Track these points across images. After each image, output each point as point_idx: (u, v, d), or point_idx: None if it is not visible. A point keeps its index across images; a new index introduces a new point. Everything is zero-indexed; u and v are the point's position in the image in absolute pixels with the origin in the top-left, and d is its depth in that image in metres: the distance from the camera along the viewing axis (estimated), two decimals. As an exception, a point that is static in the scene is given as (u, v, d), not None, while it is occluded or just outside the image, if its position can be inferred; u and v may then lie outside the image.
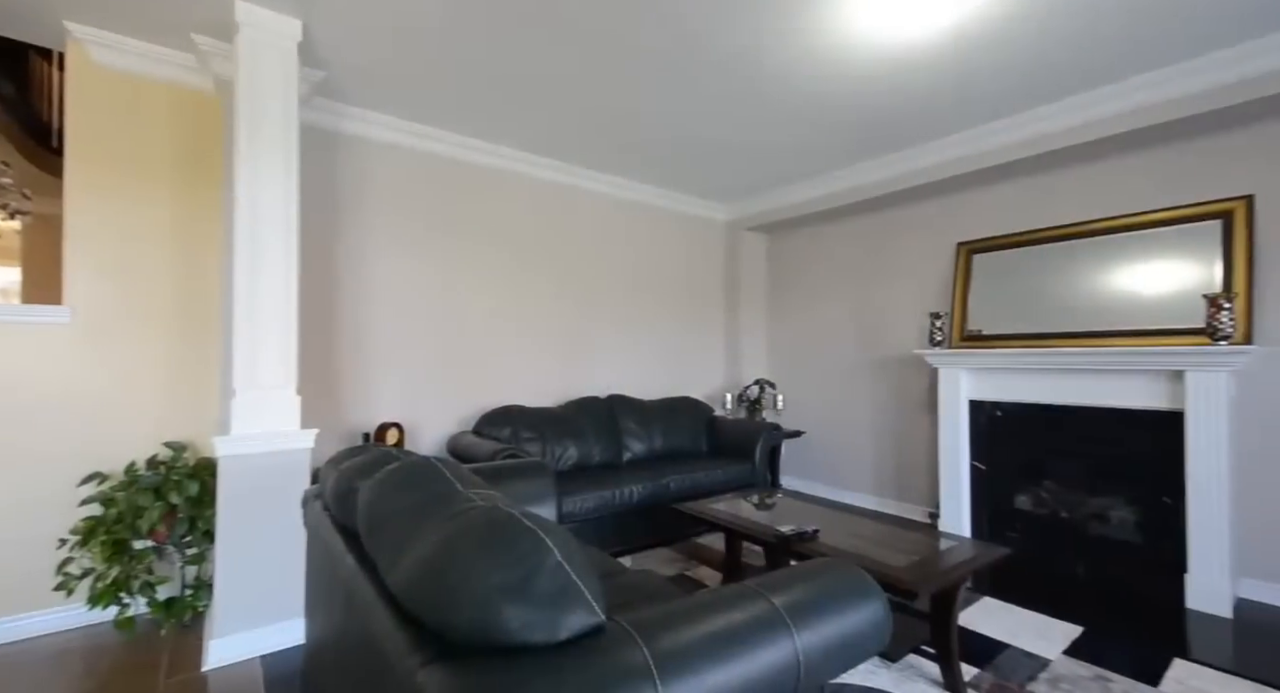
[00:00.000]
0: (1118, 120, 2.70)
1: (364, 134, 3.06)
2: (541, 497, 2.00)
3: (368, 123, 3.04)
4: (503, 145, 3.46)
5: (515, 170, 3.62)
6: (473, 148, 3.39)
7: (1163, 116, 2.57)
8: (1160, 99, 2.56)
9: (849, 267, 4.28)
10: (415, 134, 3.19)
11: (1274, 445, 2.48)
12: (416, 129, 3.17)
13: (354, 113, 2.98)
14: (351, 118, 2.99)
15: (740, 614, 0.91)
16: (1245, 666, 1.97)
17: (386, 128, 3.10)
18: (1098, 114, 2.74)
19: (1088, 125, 2.79)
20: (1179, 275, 2.67)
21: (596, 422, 3.46)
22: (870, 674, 1.87)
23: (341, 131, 3.01)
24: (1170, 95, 2.53)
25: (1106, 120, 2.73)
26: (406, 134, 3.17)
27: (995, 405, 3.25)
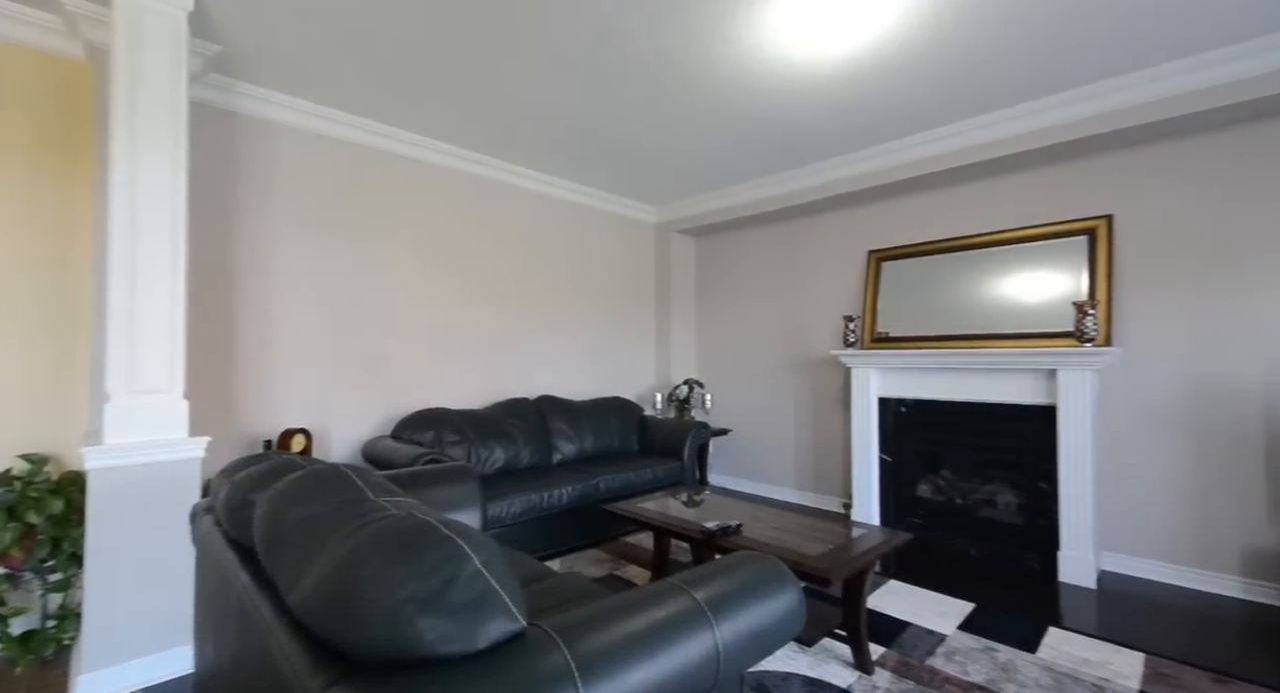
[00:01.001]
0: (1006, 144, 2.99)
1: (267, 116, 2.83)
2: (465, 502, 1.93)
3: (271, 104, 2.82)
4: (426, 136, 3.32)
5: (439, 163, 3.48)
6: (392, 136, 3.23)
7: (1042, 141, 2.87)
8: (1039, 126, 2.87)
9: (772, 270, 4.46)
10: (326, 118, 2.99)
11: (1129, 435, 2.84)
12: (327, 113, 2.97)
13: (256, 92, 2.74)
14: (253, 97, 2.76)
15: (663, 611, 0.93)
16: (1106, 630, 2.25)
17: (293, 110, 2.88)
18: (990, 136, 3.03)
19: (981, 146, 3.08)
20: (1053, 285, 3.00)
21: (525, 423, 3.40)
22: (788, 660, 1.95)
23: (241, 112, 2.76)
24: (1046, 124, 2.84)
25: (997, 143, 3.02)
26: (316, 118, 2.96)
27: (900, 402, 3.50)
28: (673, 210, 4.74)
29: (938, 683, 1.84)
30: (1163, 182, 2.78)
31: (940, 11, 2.11)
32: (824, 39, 2.30)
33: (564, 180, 4.11)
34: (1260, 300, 2.53)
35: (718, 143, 3.39)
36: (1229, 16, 2.13)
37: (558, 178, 4.06)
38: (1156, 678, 1.87)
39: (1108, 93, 2.64)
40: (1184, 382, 2.70)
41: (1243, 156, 2.58)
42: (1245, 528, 2.54)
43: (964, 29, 2.22)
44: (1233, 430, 2.57)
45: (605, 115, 3.00)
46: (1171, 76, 2.48)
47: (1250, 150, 2.56)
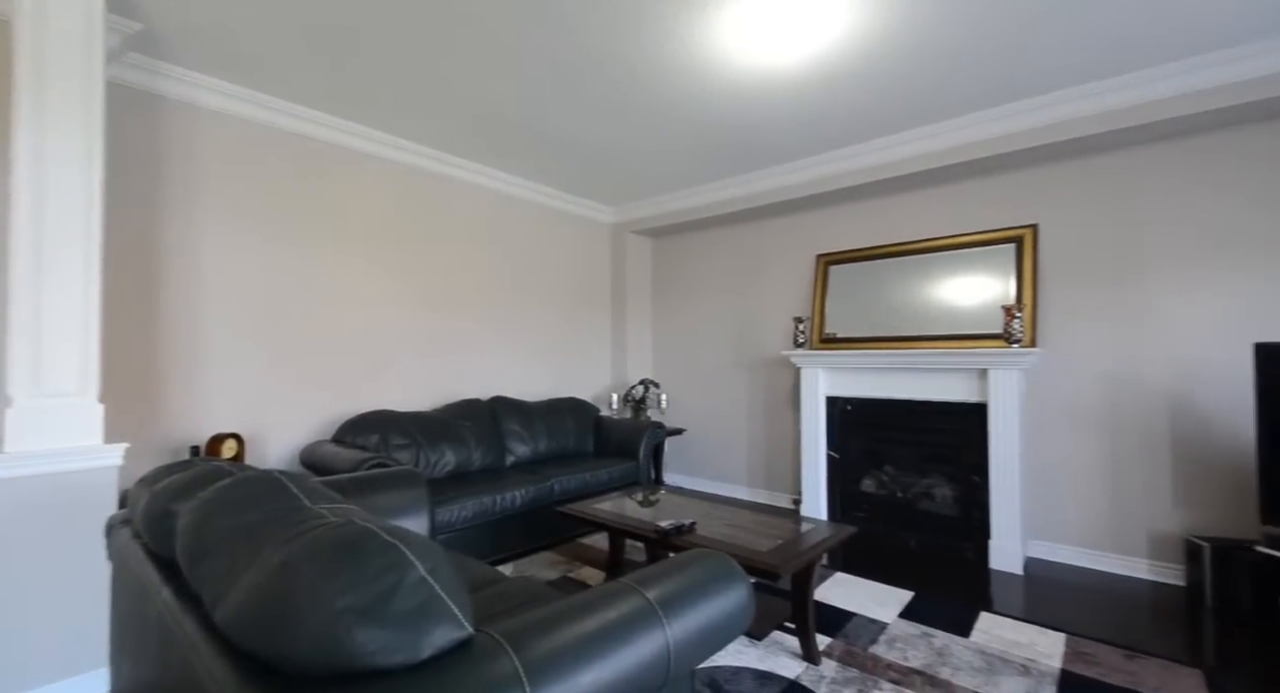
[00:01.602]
0: (942, 155, 3.15)
1: (195, 100, 2.65)
2: (412, 508, 1.87)
3: (200, 87, 2.64)
4: (372, 128, 3.19)
5: (387, 156, 3.35)
6: (335, 127, 3.09)
7: (975, 154, 3.05)
8: (972, 139, 3.04)
9: (726, 272, 4.54)
10: (262, 105, 2.82)
11: (1052, 431, 3.05)
12: (263, 100, 2.81)
13: (183, 75, 2.57)
14: (179, 80, 2.58)
15: (614, 612, 0.93)
16: (1032, 613, 2.40)
17: (224, 95, 2.71)
18: (929, 148, 3.18)
19: (921, 157, 3.23)
20: (985, 289, 3.18)
21: (478, 425, 3.32)
22: (739, 654, 1.99)
23: (166, 95, 2.58)
24: (978, 137, 3.01)
25: (935, 154, 3.18)
26: (250, 104, 2.80)
27: (846, 401, 3.63)
28: (629, 211, 4.74)
29: (880, 670, 1.91)
30: (1081, 195, 3.00)
31: (882, 30, 2.20)
32: (773, 48, 2.35)
33: (519, 178, 4.05)
34: (1164, 306, 2.76)
35: (673, 145, 3.41)
36: (1133, 47, 2.32)
37: (513, 175, 3.99)
38: (1076, 657, 2.02)
39: (1033, 111, 2.82)
40: (1100, 381, 2.92)
41: (1150, 175, 2.81)
42: (1152, 515, 2.77)
43: (903, 48, 2.33)
44: (1142, 426, 2.80)
45: (560, 113, 2.97)
46: (1087, 98, 2.68)
47: (1156, 169, 2.80)
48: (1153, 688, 1.82)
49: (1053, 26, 2.20)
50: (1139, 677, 1.88)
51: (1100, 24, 2.18)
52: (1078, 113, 2.73)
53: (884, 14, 2.13)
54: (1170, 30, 2.22)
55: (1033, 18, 2.15)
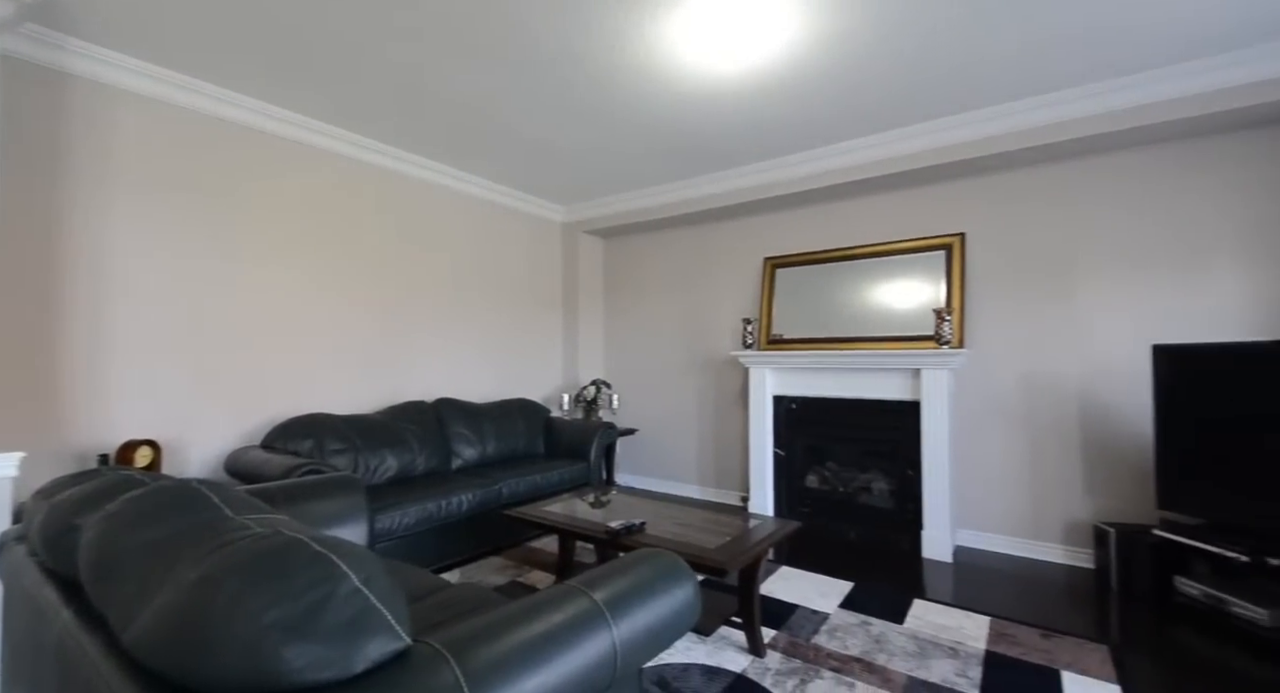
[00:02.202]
0: (882, 164, 3.30)
1: (105, 78, 2.44)
2: (349, 516, 1.79)
3: (111, 65, 2.43)
4: (308, 116, 3.03)
5: (324, 146, 3.19)
6: (266, 114, 2.91)
7: (909, 165, 3.21)
8: (906, 151, 3.20)
9: (678, 273, 4.59)
10: (183, 87, 2.63)
11: (978, 426, 3.25)
12: (185, 81, 2.62)
13: (91, 50, 2.36)
14: (86, 56, 2.36)
15: (560, 615, 0.92)
16: (960, 598, 2.55)
17: (138, 74, 2.51)
18: (869, 157, 3.33)
19: (862, 166, 3.37)
20: (919, 293, 3.36)
21: (422, 428, 3.22)
22: (687, 650, 2.02)
23: (71, 71, 2.36)
24: (910, 150, 3.18)
25: (875, 163, 3.33)
26: (170, 86, 2.60)
27: (792, 400, 3.75)
28: (581, 210, 4.72)
29: (821, 659, 1.98)
30: (1003, 207, 3.21)
31: (824, 44, 2.29)
32: (721, 55, 2.40)
33: (468, 173, 3.95)
34: (1075, 310, 3.00)
35: (626, 146, 3.42)
36: (1054, 68, 2.51)
37: (461, 170, 3.89)
38: (999, 638, 2.16)
39: (960, 126, 3.00)
40: (1020, 379, 3.14)
41: (1065, 190, 3.05)
42: (1066, 503, 3.01)
43: (844, 64, 2.43)
44: (1056, 421, 3.03)
45: (510, 108, 2.92)
46: (1007, 116, 2.88)
47: (1070, 185, 3.03)
48: (1065, 664, 1.97)
49: (979, 50, 2.35)
50: (1054, 654, 2.04)
51: (1020, 50, 2.35)
52: (1000, 130, 2.92)
53: (825, 29, 2.21)
54: (1085, 56, 2.42)
55: (964, 40, 2.28)
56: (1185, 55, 2.39)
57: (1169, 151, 2.79)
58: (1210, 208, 2.70)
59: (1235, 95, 2.41)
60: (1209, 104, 2.46)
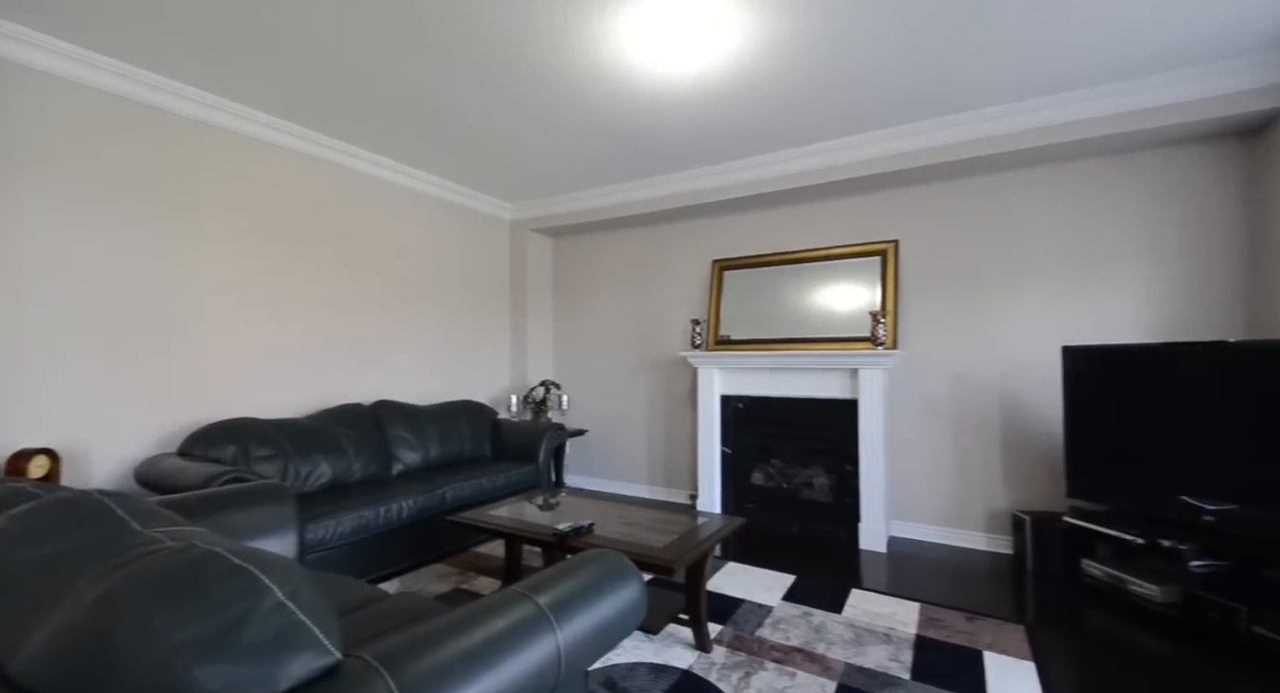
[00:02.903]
0: (824, 172, 3.43)
1: (19, 58, 2.20)
2: (276, 526, 1.68)
3: (23, 43, 2.19)
4: (242, 104, 2.84)
5: (259, 136, 3.00)
6: (198, 100, 2.70)
7: (848, 174, 3.35)
8: (846, 160, 3.34)
9: (628, 274, 4.60)
10: (107, 70, 2.41)
11: (910, 423, 3.43)
12: (108, 64, 2.40)
13: (8, 29, 2.12)
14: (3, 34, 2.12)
15: (503, 621, 0.90)
16: (894, 587, 2.68)
17: (57, 55, 2.28)
18: (812, 165, 3.45)
19: (805, 173, 3.49)
20: (858, 296, 3.51)
21: (359, 432, 3.07)
22: (635, 650, 2.02)
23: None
24: (851, 159, 3.32)
25: (817, 171, 3.46)
26: (92, 68, 2.37)
27: (739, 399, 3.83)
28: (530, 208, 4.65)
29: (764, 652, 2.04)
30: (933, 215, 3.41)
31: (767, 52, 2.36)
32: (669, 59, 2.42)
33: (413, 168, 3.81)
34: (995, 315, 3.22)
35: (575, 145, 3.40)
36: (969, 90, 2.69)
37: (407, 165, 3.75)
38: (928, 623, 2.28)
39: (893, 139, 3.17)
40: (947, 378, 3.33)
41: (986, 200, 3.26)
42: (987, 494, 3.22)
43: (788, 74, 2.51)
44: (979, 417, 3.24)
45: (458, 103, 2.84)
46: (935, 131, 3.05)
47: (991, 195, 3.25)
48: (987, 645, 2.11)
49: (909, 70, 2.48)
50: (976, 636, 2.17)
51: (947, 71, 2.50)
52: (929, 144, 3.10)
53: (767, 41, 2.27)
54: (1006, 78, 2.59)
55: (894, 61, 2.40)
56: (1095, 81, 2.62)
57: (1078, 169, 3.04)
58: (1112, 222, 2.96)
59: (1136, 119, 2.66)
60: (1116, 125, 2.70)
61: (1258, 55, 2.37)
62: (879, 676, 1.89)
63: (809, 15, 2.13)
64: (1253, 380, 2.15)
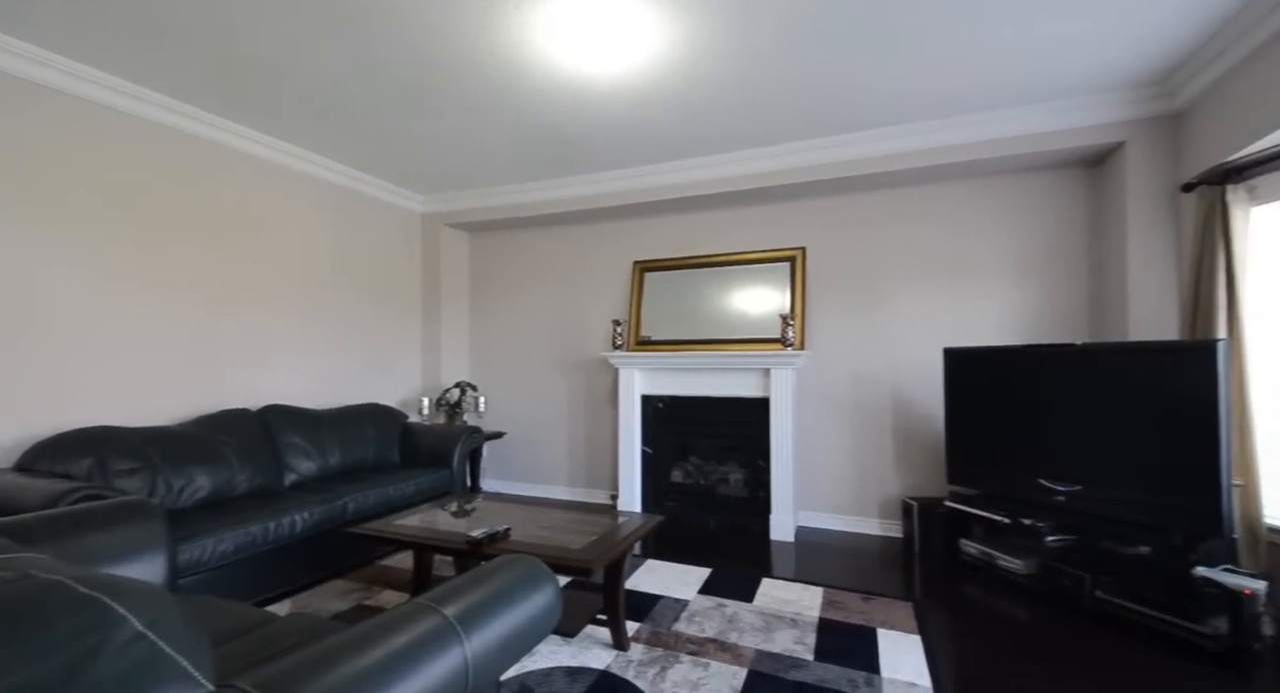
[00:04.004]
0: (739, 180, 3.57)
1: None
2: (141, 549, 1.49)
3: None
4: (111, 73, 2.50)
5: (129, 109, 2.64)
6: (54, 66, 2.32)
7: (761, 183, 3.51)
8: (760, 170, 3.50)
9: (549, 273, 4.53)
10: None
11: (816, 418, 3.65)
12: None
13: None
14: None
15: (404, 636, 0.85)
16: (800, 573, 2.84)
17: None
18: (728, 172, 3.58)
19: (721, 180, 3.61)
20: (770, 299, 3.68)
21: (244, 440, 2.79)
22: (551, 655, 1.99)
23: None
24: (764, 168, 3.48)
25: (732, 179, 3.59)
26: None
27: (659, 399, 3.89)
28: (444, 202, 4.45)
29: (680, 645, 2.08)
30: (836, 225, 3.65)
31: (683, 62, 2.41)
32: (587, 59, 2.42)
33: (315, 154, 3.52)
34: (889, 318, 3.50)
35: (492, 139, 3.30)
36: (870, 111, 2.91)
37: (307, 150, 3.46)
38: (830, 605, 2.44)
39: (803, 152, 3.36)
40: (848, 377, 3.59)
41: (881, 212, 3.54)
42: (881, 482, 3.49)
43: (703, 87, 2.58)
44: (874, 412, 3.52)
45: (366, 88, 2.66)
46: (840, 147, 3.28)
47: (886, 208, 3.53)
48: (880, 622, 2.28)
49: (816, 90, 2.64)
50: (871, 614, 2.35)
51: (852, 90, 2.68)
52: (833, 158, 3.32)
53: (687, 47, 2.33)
54: (897, 101, 2.83)
55: (804, 81, 2.55)
56: (973, 110, 2.92)
57: (957, 188, 3.38)
58: (983, 237, 3.32)
59: (1004, 145, 2.99)
60: (988, 150, 3.02)
61: (1100, 96, 2.76)
62: (786, 659, 1.99)
63: (725, 32, 2.20)
64: (1095, 377, 2.50)
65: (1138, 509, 2.29)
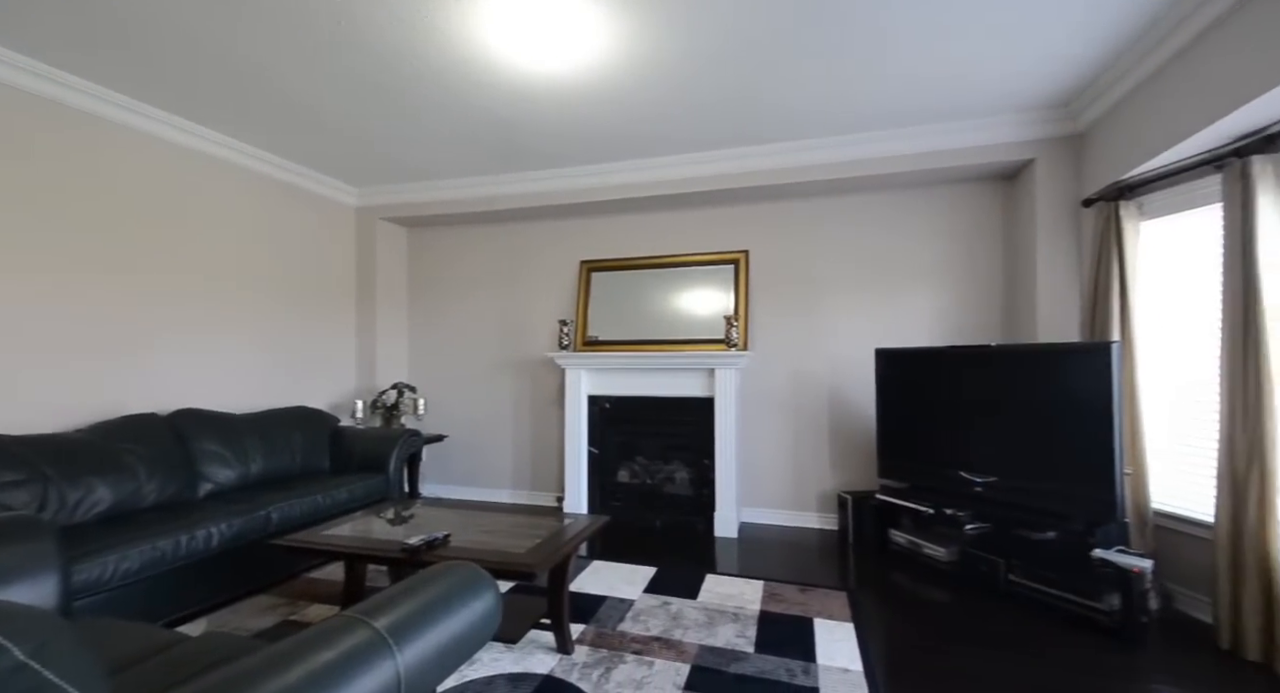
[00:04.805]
0: (684, 183, 3.61)
1: None
2: (27, 570, 1.33)
3: None
4: (11, 48, 2.22)
5: (25, 85, 2.36)
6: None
7: (705, 187, 3.57)
8: (704, 173, 3.56)
9: (494, 271, 4.42)
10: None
11: (758, 417, 3.75)
12: None
13: None
14: None
15: (330, 652, 0.81)
16: (742, 568, 2.91)
17: None
18: (674, 174, 3.62)
19: (668, 182, 3.65)
20: (716, 301, 3.75)
21: (151, 448, 2.57)
22: (493, 662, 1.95)
23: None
24: (710, 172, 3.55)
25: (678, 181, 3.63)
26: None
27: (606, 399, 3.89)
28: (380, 195, 4.25)
29: (625, 645, 2.08)
30: (778, 229, 3.76)
31: (633, 59, 2.42)
32: (533, 54, 2.38)
33: (231, 138, 3.28)
34: (825, 319, 3.65)
35: (433, 131, 3.18)
36: (808, 121, 3.02)
37: (217, 131, 3.21)
38: (770, 598, 2.51)
39: (747, 158, 3.44)
40: (788, 376, 3.71)
41: (821, 218, 3.69)
42: (819, 477, 3.63)
43: (650, 90, 2.60)
44: (812, 410, 3.65)
45: (294, 72, 2.50)
46: (782, 154, 3.38)
47: (825, 215, 3.68)
48: (817, 612, 2.37)
49: (758, 99, 2.71)
50: (809, 605, 2.44)
51: (786, 105, 2.77)
52: (775, 165, 3.42)
53: (631, 47, 2.33)
54: (833, 113, 2.95)
55: (746, 89, 2.61)
56: (903, 123, 3.08)
57: (888, 198, 3.56)
58: (911, 244, 3.51)
59: (931, 159, 3.18)
60: (916, 163, 3.20)
61: (1013, 115, 2.98)
62: (728, 653, 2.03)
63: (670, 38, 2.23)
64: (1007, 376, 2.69)
65: (1045, 498, 2.49)
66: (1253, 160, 1.99)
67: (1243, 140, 2.07)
